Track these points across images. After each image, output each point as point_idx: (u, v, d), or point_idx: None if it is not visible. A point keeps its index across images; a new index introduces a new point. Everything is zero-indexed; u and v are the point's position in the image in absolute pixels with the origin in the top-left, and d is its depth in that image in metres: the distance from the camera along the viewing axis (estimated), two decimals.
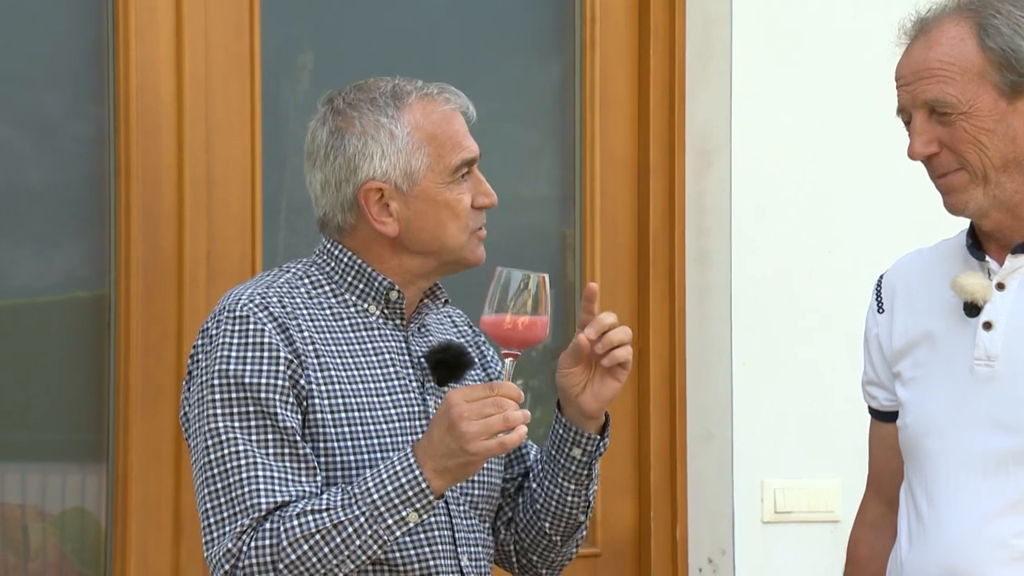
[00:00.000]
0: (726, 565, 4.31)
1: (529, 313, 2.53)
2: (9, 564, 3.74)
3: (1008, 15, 2.59)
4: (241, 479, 2.51)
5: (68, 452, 3.81)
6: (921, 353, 2.72)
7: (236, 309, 2.58)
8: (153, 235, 3.74)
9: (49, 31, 3.79)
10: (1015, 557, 2.58)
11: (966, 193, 2.60)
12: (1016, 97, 2.58)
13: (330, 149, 2.66)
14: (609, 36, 4.33)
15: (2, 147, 3.76)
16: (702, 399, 4.37)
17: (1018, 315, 2.62)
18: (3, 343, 3.77)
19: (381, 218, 2.64)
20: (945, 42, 2.59)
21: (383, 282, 2.67)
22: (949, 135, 2.59)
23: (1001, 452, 2.60)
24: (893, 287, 2.81)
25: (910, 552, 2.69)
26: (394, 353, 2.69)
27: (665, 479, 4.36)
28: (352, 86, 2.70)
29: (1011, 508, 2.58)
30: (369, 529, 2.47)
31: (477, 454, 2.46)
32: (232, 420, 2.53)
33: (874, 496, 2.89)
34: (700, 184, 4.36)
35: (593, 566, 4.30)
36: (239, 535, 2.50)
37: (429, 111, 2.67)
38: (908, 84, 2.62)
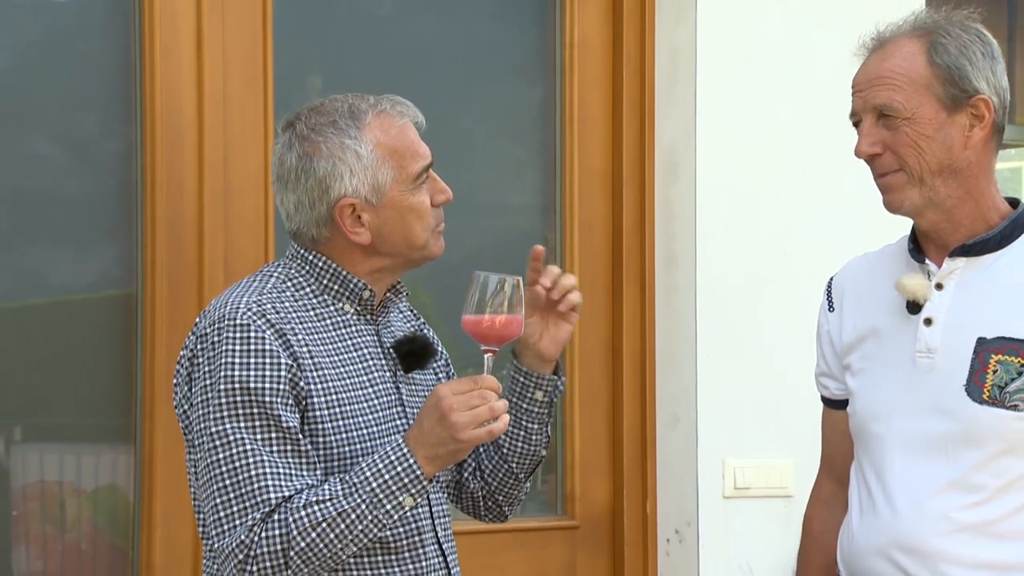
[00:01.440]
0: (691, 536, 4.30)
1: (505, 312, 2.52)
2: (48, 535, 3.74)
3: (956, 37, 2.62)
4: (250, 476, 2.48)
5: (100, 435, 3.81)
6: (868, 347, 2.74)
7: (236, 318, 2.54)
8: (176, 240, 3.75)
9: (84, 58, 3.79)
10: (955, 529, 2.59)
11: (903, 192, 2.62)
12: (955, 110, 2.60)
13: (300, 172, 2.62)
14: (586, 62, 4.33)
15: (43, 161, 3.76)
16: (669, 387, 4.36)
17: (955, 312, 2.63)
18: (43, 336, 3.76)
19: (355, 229, 2.62)
20: (898, 55, 2.61)
21: (357, 283, 2.66)
22: (892, 138, 2.61)
23: (942, 435, 2.61)
24: (842, 288, 2.82)
25: (860, 525, 2.70)
26: (369, 347, 2.68)
27: (636, 459, 4.35)
28: (308, 109, 2.67)
29: (951, 485, 2.59)
30: (370, 515, 2.47)
31: (467, 442, 2.47)
32: (238, 421, 2.50)
33: (826, 476, 2.90)
34: (668, 193, 4.36)
35: (572, 538, 4.31)
36: (251, 527, 2.48)
37: (387, 127, 2.64)
38: (862, 90, 2.64)
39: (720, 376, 4.32)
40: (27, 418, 3.77)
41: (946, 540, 2.59)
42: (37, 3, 3.79)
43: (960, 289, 2.64)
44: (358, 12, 4.15)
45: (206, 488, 2.52)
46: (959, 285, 2.65)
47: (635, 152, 4.36)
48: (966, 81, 2.60)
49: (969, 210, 2.64)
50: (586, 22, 4.33)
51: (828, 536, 2.84)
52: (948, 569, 2.59)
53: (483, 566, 4.10)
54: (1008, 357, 2.58)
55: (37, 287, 3.77)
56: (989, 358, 2.58)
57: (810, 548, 2.90)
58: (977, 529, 2.59)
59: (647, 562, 4.35)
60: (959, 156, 2.62)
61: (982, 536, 2.59)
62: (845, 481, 2.81)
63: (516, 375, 2.76)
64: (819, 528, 2.88)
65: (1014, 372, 2.57)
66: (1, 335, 3.64)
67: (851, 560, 2.72)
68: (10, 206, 3.68)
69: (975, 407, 2.58)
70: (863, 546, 2.68)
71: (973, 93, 2.60)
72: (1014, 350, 2.57)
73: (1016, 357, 2.57)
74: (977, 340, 2.60)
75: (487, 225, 4.31)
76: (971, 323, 2.61)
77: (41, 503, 3.76)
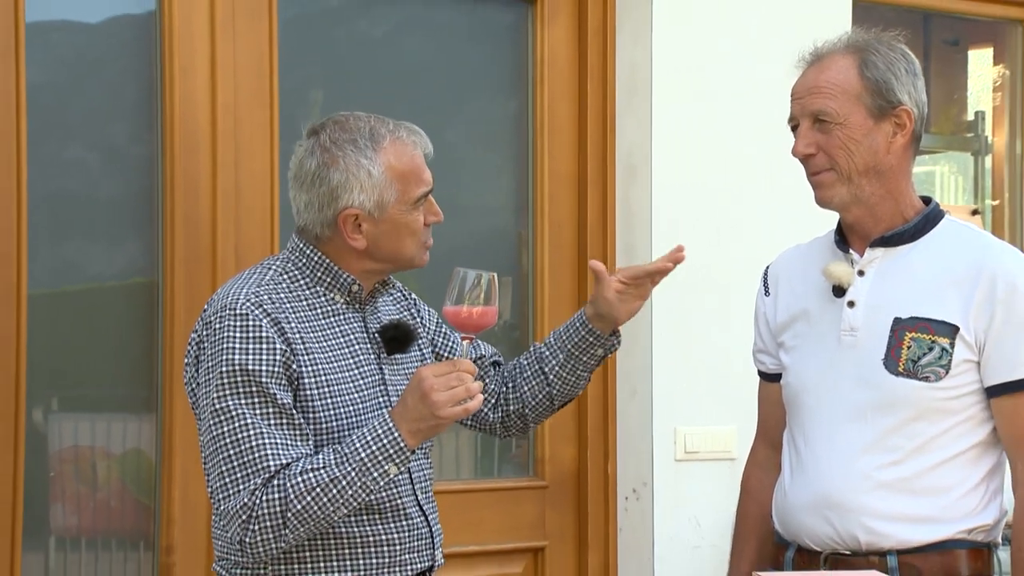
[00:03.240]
0: (647, 494, 4.29)
1: (482, 304, 2.52)
2: (81, 493, 3.75)
3: (884, 55, 2.66)
4: (251, 446, 2.47)
5: (127, 405, 3.79)
6: (799, 326, 2.76)
7: (236, 307, 2.53)
8: (193, 234, 3.75)
9: (114, 75, 3.79)
10: (876, 486, 2.62)
11: (832, 189, 2.65)
12: (881, 119, 2.64)
13: (316, 178, 2.61)
14: (555, 77, 4.33)
15: (79, 165, 3.77)
16: (628, 363, 4.34)
17: (875, 295, 2.66)
18: (78, 319, 3.76)
19: (354, 235, 2.61)
20: (834, 68, 2.64)
21: (347, 278, 2.64)
22: (826, 140, 2.63)
23: (863, 403, 2.64)
24: (777, 275, 2.85)
25: (792, 485, 2.72)
26: (356, 333, 2.66)
27: (599, 426, 4.35)
28: (333, 122, 2.64)
29: (872, 447, 2.62)
30: (359, 481, 2.46)
31: (445, 418, 2.47)
32: (239, 399, 2.49)
33: (762, 441, 2.93)
34: (627, 193, 4.37)
35: (542, 496, 4.31)
36: (252, 491, 2.46)
37: (400, 153, 2.63)
38: (800, 98, 2.67)
39: (672, 354, 4.31)
40: (63, 390, 3.76)
41: (867, 497, 2.61)
42: (73, 27, 3.79)
43: (879, 275, 2.66)
44: (354, 34, 4.13)
45: (212, 458, 2.52)
46: (878, 272, 2.67)
47: (598, 157, 4.36)
48: (891, 93, 2.63)
49: (889, 207, 2.67)
50: (554, 42, 4.33)
51: (763, 493, 2.86)
52: (869, 522, 2.61)
53: (463, 521, 4.10)
54: (920, 335, 2.61)
55: (73, 276, 3.77)
56: (904, 336, 2.61)
57: (747, 504, 2.92)
58: (894, 486, 2.61)
59: (608, 517, 4.35)
60: (883, 159, 2.64)
61: (899, 492, 2.61)
62: (778, 445, 2.83)
63: (586, 334, 2.80)
64: (755, 486, 2.90)
65: (925, 348, 2.60)
66: (41, 318, 3.61)
67: (785, 516, 2.73)
68: (50, 205, 3.67)
69: (892, 379, 2.61)
70: (795, 503, 2.70)
71: (897, 104, 2.64)
72: (925, 328, 2.60)
73: (927, 335, 2.60)
74: (894, 320, 2.63)
75: (468, 223, 4.28)
76: (888, 305, 2.64)
77: (75, 465, 3.75)
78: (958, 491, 2.62)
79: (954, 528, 2.61)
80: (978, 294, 2.59)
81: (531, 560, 4.31)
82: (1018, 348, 2.59)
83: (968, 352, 2.60)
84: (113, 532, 3.80)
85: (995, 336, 2.59)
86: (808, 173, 2.69)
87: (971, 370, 2.61)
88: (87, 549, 3.78)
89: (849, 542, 2.62)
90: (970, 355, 2.60)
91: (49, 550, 3.71)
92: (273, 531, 2.47)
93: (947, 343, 2.59)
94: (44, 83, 3.66)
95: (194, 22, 3.76)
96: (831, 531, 2.63)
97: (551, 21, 4.33)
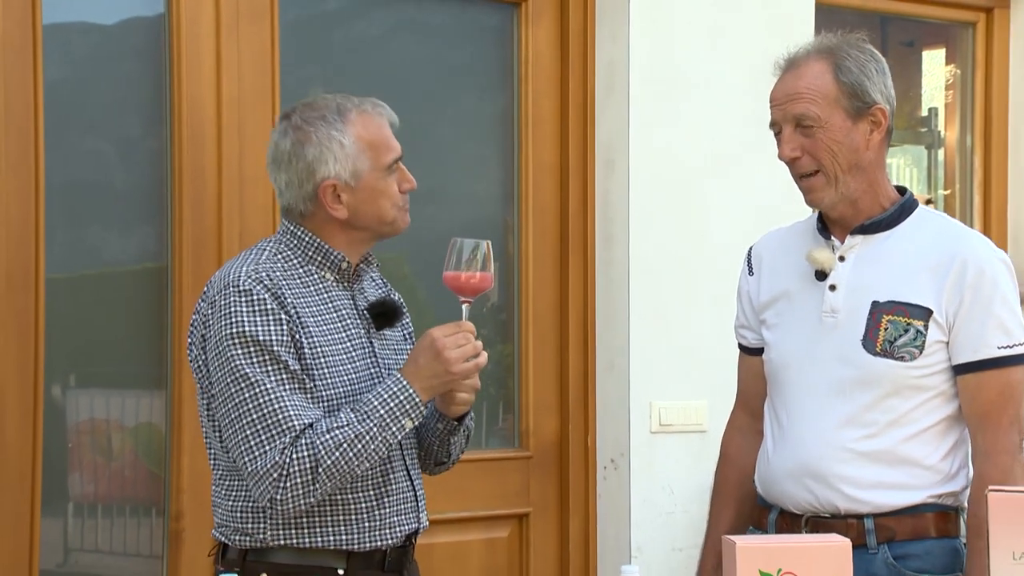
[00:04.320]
0: (624, 464, 4.30)
1: (479, 270, 2.55)
2: (98, 463, 3.77)
3: (855, 58, 2.64)
4: (274, 409, 2.46)
5: (139, 381, 3.80)
6: (781, 306, 2.75)
7: (239, 284, 2.51)
8: (200, 221, 3.75)
9: (127, 73, 3.80)
10: (853, 457, 2.63)
11: (822, 192, 2.64)
12: (859, 119, 2.63)
13: (292, 156, 2.58)
14: (539, 75, 4.33)
15: (95, 157, 3.77)
16: (607, 341, 4.35)
17: (855, 280, 2.66)
18: (94, 300, 3.77)
19: (334, 206, 2.59)
20: (810, 75, 2.62)
21: (336, 255, 2.62)
22: (811, 144, 2.62)
23: (842, 380, 2.64)
24: (760, 256, 2.83)
25: (775, 455, 2.72)
26: (346, 309, 2.64)
27: (579, 400, 4.36)
28: (302, 104, 2.62)
29: (850, 421, 2.63)
30: (380, 436, 2.48)
31: (458, 374, 2.50)
32: (256, 367, 2.48)
33: (741, 409, 2.91)
34: (606, 184, 4.37)
35: (526, 466, 4.32)
36: (282, 451, 2.44)
37: (367, 123, 2.60)
38: (781, 104, 2.65)
39: (648, 333, 4.30)
40: (80, 367, 3.77)
41: (846, 466, 2.62)
42: (89, 28, 3.80)
43: (859, 261, 2.66)
44: (351, 35, 4.14)
45: (234, 424, 2.49)
46: (858, 258, 2.66)
47: (579, 149, 4.36)
48: (866, 95, 2.62)
49: (869, 198, 2.67)
50: (538, 42, 4.33)
51: (742, 458, 2.86)
52: (848, 490, 2.62)
53: (453, 489, 4.08)
54: (897, 317, 2.61)
55: (90, 260, 3.78)
56: (881, 318, 2.62)
57: (727, 468, 2.91)
58: (870, 457, 2.62)
59: (588, 486, 4.36)
60: (863, 156, 2.64)
61: (875, 463, 2.62)
62: (756, 414, 2.84)
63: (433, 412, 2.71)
64: (734, 451, 2.89)
65: (901, 329, 2.61)
66: (60, 300, 3.61)
67: (768, 483, 2.74)
68: (68, 193, 3.67)
69: (870, 358, 2.61)
70: (778, 472, 2.70)
71: (872, 104, 2.63)
72: (902, 311, 2.61)
73: (903, 317, 2.61)
74: (872, 303, 2.63)
75: (458, 211, 4.29)
76: (867, 289, 2.64)
77: (92, 437, 3.76)
78: (929, 461, 2.64)
79: (925, 493, 2.63)
80: (950, 279, 2.60)
81: (516, 526, 4.32)
82: (983, 330, 2.60)
83: (940, 333, 2.61)
84: (127, 499, 3.82)
85: (963, 318, 2.60)
86: (796, 176, 2.68)
87: (942, 350, 2.62)
88: (103, 515, 3.80)
89: (829, 508, 2.64)
90: (941, 336, 2.61)
91: (68, 515, 3.74)
92: (303, 487, 2.45)
93: (921, 325, 2.61)
94: (62, 80, 3.67)
95: (200, 23, 3.77)
96: (812, 498, 2.65)
97: (535, 23, 4.33)
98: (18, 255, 3.52)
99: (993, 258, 2.65)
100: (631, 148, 4.32)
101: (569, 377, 4.36)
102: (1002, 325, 2.61)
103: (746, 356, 2.89)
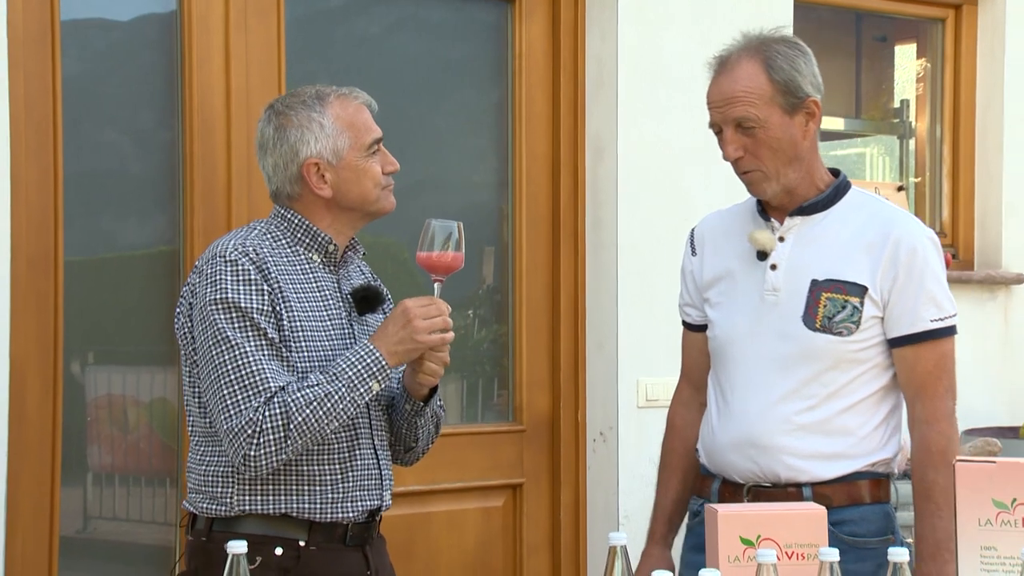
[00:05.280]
0: (612, 437, 4.31)
1: (451, 250, 2.54)
2: (115, 436, 3.77)
3: (785, 55, 2.63)
4: (251, 371, 2.45)
5: (153, 359, 3.79)
6: (724, 285, 2.75)
7: (226, 255, 2.50)
8: (210, 207, 3.75)
9: (141, 66, 3.80)
10: (794, 429, 2.64)
11: (763, 184, 2.66)
12: (794, 113, 2.63)
13: (276, 140, 2.59)
14: (532, 70, 4.33)
15: (113, 147, 3.77)
16: (596, 321, 4.36)
17: (794, 259, 2.66)
18: (111, 282, 3.77)
19: (319, 185, 2.58)
20: (744, 76, 2.62)
21: (324, 237, 2.61)
22: (752, 143, 2.63)
23: (784, 355, 2.65)
24: (703, 237, 2.82)
25: (719, 426, 2.72)
26: (330, 290, 2.63)
27: (570, 377, 4.37)
28: (286, 94, 2.65)
29: (791, 394, 2.64)
30: (348, 396, 2.47)
31: (424, 343, 2.50)
32: (236, 332, 2.46)
33: (685, 382, 2.91)
34: (595, 172, 4.37)
35: (520, 439, 4.33)
36: (256, 408, 2.43)
37: (345, 105, 2.60)
38: (720, 107, 2.65)
39: (635, 313, 4.30)
40: (98, 346, 3.77)
41: (787, 438, 2.63)
42: (106, 24, 3.79)
43: (797, 241, 2.67)
44: (353, 31, 4.12)
45: (213, 385, 2.48)
46: (797, 238, 2.67)
47: (570, 140, 4.36)
48: (799, 89, 2.63)
49: (806, 183, 2.67)
50: (531, 39, 4.33)
51: (687, 429, 2.86)
52: (788, 460, 2.63)
53: (451, 461, 4.13)
54: (835, 294, 2.62)
55: (107, 245, 3.78)
56: (820, 295, 2.62)
57: (672, 439, 2.91)
58: (810, 428, 2.63)
59: (578, 457, 4.38)
60: (801, 147, 2.64)
61: (814, 434, 2.63)
62: (699, 386, 2.84)
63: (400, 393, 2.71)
64: (680, 422, 2.90)
65: (839, 306, 2.61)
66: (79, 282, 3.62)
67: (712, 453, 2.73)
68: (86, 182, 3.67)
69: (810, 333, 2.62)
70: (722, 443, 2.70)
71: (805, 97, 2.63)
72: (839, 289, 2.62)
73: (840, 294, 2.62)
74: (811, 281, 2.64)
75: (456, 198, 4.29)
76: (806, 268, 2.65)
77: (109, 411, 3.77)
78: (864, 430, 2.65)
79: (860, 463, 2.65)
80: (884, 257, 2.61)
81: (510, 495, 4.33)
82: (916, 305, 2.61)
83: (875, 309, 2.62)
84: (142, 470, 3.82)
85: (897, 294, 2.61)
86: (738, 173, 2.68)
87: (877, 324, 2.63)
88: (120, 484, 3.81)
89: (771, 477, 2.64)
90: (876, 312, 2.62)
91: (86, 485, 3.74)
92: (276, 444, 2.44)
93: (858, 302, 2.61)
94: (78, 74, 3.67)
95: (210, 20, 3.77)
96: (755, 467, 2.65)
97: (528, 20, 4.33)
98: (39, 240, 3.52)
99: (923, 237, 2.65)
100: (619, 138, 4.32)
101: (560, 355, 4.36)
102: (933, 299, 2.62)
103: (690, 332, 2.88)
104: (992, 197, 5.26)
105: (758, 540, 2.18)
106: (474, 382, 4.38)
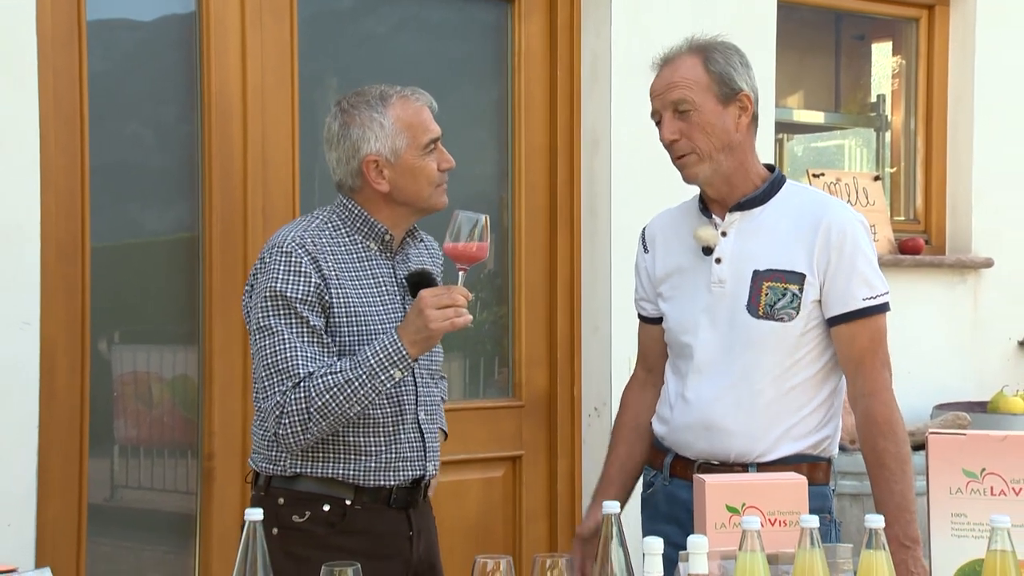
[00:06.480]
0: (605, 412, 4.29)
1: (477, 240, 2.53)
2: (140, 410, 3.78)
3: (723, 52, 2.68)
4: (285, 356, 2.51)
5: (176, 337, 3.80)
6: (676, 280, 2.77)
7: (283, 246, 2.56)
8: (228, 196, 3.75)
9: (163, 63, 3.78)
10: (743, 412, 2.65)
11: (696, 168, 2.67)
12: (728, 104, 2.65)
13: (340, 136, 2.63)
14: (531, 65, 4.32)
15: (136, 140, 3.77)
16: (592, 304, 4.36)
17: (737, 252, 2.67)
18: (136, 266, 3.78)
19: (377, 180, 2.62)
20: (683, 67, 2.67)
21: (380, 227, 2.65)
22: (687, 127, 2.65)
23: (732, 342, 2.65)
24: (653, 236, 2.84)
25: (675, 409, 2.74)
26: (385, 277, 2.66)
27: (567, 356, 4.37)
28: (352, 92, 2.67)
29: (740, 380, 2.65)
30: (369, 383, 2.49)
31: (436, 331, 2.50)
32: (279, 319, 2.52)
33: (641, 366, 2.94)
34: (591, 163, 4.36)
35: (519, 414, 4.32)
36: (283, 392, 2.50)
37: (406, 107, 2.64)
38: (660, 94, 2.70)
39: (628, 298, 4.08)
40: (124, 326, 3.78)
41: (736, 421, 2.65)
42: (130, 24, 3.79)
43: (739, 235, 2.68)
44: (362, 30, 4.11)
45: (256, 367, 2.56)
46: (738, 232, 2.68)
47: (566, 132, 4.35)
48: (733, 82, 2.65)
49: (742, 176, 2.68)
50: (529, 36, 4.32)
51: (636, 404, 2.89)
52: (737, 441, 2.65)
53: (454, 435, 3.97)
54: (775, 283, 2.63)
55: (133, 231, 3.77)
56: (762, 284, 2.64)
57: (623, 412, 2.93)
58: (758, 411, 2.64)
59: (574, 431, 4.38)
60: (733, 136, 2.65)
61: (760, 416, 2.64)
62: (652, 370, 2.87)
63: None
64: (631, 399, 2.93)
65: (780, 294, 2.63)
66: (106, 266, 3.62)
67: (668, 432, 2.76)
68: (114, 172, 3.66)
69: (754, 321, 2.63)
70: (678, 424, 2.73)
71: (739, 91, 2.66)
72: (779, 278, 2.63)
73: (780, 283, 2.63)
74: (753, 272, 2.65)
75: (459, 189, 4.00)
76: (748, 260, 2.66)
77: (134, 387, 3.77)
78: (806, 410, 2.66)
79: (803, 444, 2.66)
80: (818, 243, 2.62)
81: (510, 466, 4.33)
82: (849, 285, 2.62)
83: (813, 293, 2.63)
84: (165, 442, 3.83)
85: (831, 276, 2.62)
86: (673, 158, 2.70)
87: (816, 308, 2.64)
88: (144, 456, 3.81)
89: (721, 456, 2.67)
90: (815, 296, 2.63)
91: (113, 456, 3.74)
92: (300, 424, 2.49)
93: (796, 289, 2.63)
94: (104, 71, 3.66)
95: (227, 19, 3.76)
96: (707, 447, 2.68)
97: (527, 18, 4.32)
98: (67, 227, 3.51)
99: (852, 220, 2.66)
100: (613, 130, 4.31)
101: (557, 335, 4.36)
102: (865, 279, 2.63)
103: (645, 324, 2.91)
104: (962, 186, 5.27)
105: (743, 508, 2.19)
106: (476, 360, 4.39)
